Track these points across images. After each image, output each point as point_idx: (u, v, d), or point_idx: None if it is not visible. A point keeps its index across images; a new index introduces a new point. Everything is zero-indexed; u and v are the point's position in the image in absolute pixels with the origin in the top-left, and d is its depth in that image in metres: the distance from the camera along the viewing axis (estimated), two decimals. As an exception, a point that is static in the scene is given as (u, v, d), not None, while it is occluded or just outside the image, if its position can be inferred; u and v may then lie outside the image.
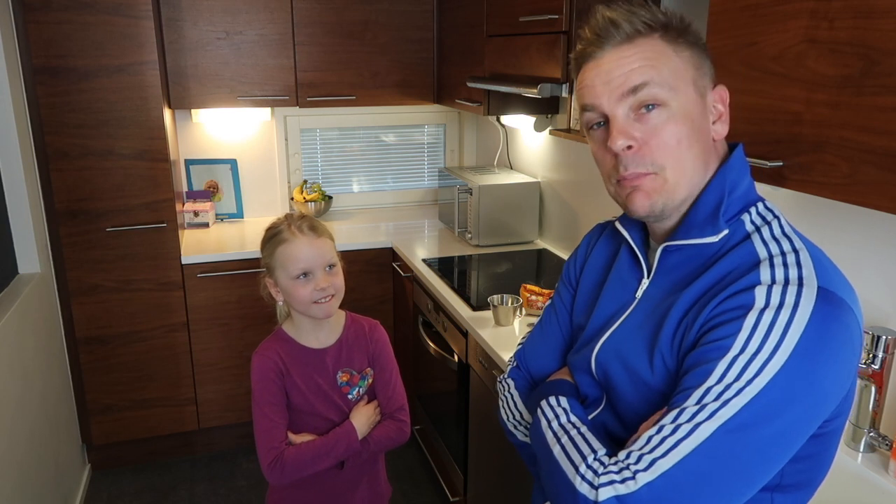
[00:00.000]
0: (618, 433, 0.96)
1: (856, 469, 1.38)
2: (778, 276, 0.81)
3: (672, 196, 0.90)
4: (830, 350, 0.77)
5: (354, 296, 3.14)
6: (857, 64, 1.03)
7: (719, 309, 0.82)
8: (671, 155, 0.88)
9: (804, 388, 0.77)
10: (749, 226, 0.89)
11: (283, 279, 1.52)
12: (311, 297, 1.51)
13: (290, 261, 1.50)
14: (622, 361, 0.95)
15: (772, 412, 0.76)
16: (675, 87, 0.87)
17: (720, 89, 0.91)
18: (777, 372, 0.76)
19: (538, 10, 2.13)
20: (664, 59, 0.87)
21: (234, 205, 3.45)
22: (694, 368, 0.81)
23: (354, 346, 1.65)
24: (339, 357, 1.62)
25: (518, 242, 2.99)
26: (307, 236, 1.52)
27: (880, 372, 1.38)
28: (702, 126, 0.89)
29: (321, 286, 1.51)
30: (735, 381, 0.77)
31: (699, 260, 0.90)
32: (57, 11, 2.51)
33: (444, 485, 2.67)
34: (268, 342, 1.60)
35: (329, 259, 1.54)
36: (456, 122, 3.76)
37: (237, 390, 3.08)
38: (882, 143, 1.01)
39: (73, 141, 2.63)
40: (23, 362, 2.25)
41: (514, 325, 2.14)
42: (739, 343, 0.78)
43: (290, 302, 1.56)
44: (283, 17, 3.01)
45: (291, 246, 1.50)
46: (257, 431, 1.53)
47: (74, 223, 2.70)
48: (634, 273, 0.99)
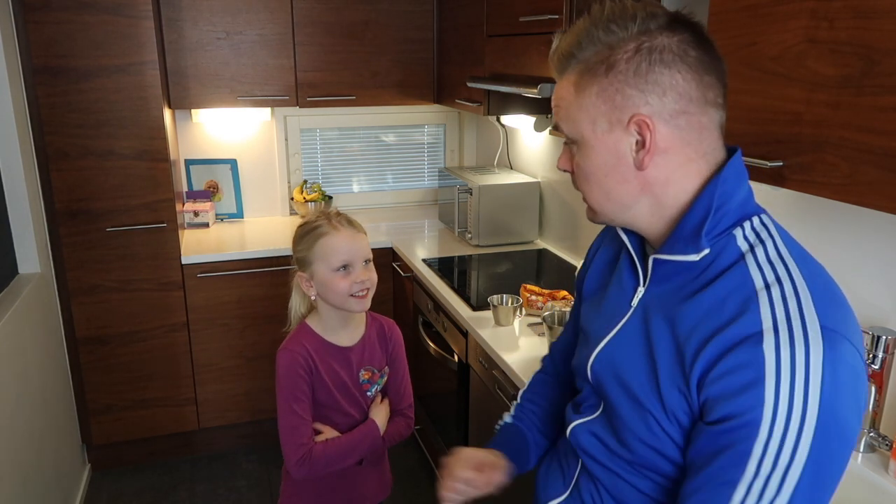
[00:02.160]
0: (611, 444, 0.96)
1: (856, 469, 1.38)
2: (779, 315, 0.79)
3: (605, 216, 0.95)
4: (846, 396, 0.77)
5: (354, 296, 3.14)
6: (857, 64, 1.03)
7: (727, 364, 0.79)
8: (585, 186, 0.94)
9: (838, 447, 0.78)
10: (742, 243, 0.87)
11: (323, 272, 1.54)
12: (350, 290, 1.54)
13: (331, 253, 1.53)
14: (617, 377, 0.94)
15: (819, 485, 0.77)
16: (580, 128, 0.90)
17: (637, 119, 0.85)
18: (811, 447, 0.75)
19: (538, 10, 2.13)
20: (568, 101, 0.91)
21: (234, 205, 3.45)
22: (721, 454, 0.79)
23: (376, 345, 1.69)
24: (363, 355, 1.65)
25: (518, 242, 2.99)
26: (348, 230, 1.56)
27: (880, 372, 1.38)
28: (618, 158, 0.89)
29: (360, 279, 1.54)
30: (772, 473, 0.76)
31: (690, 273, 0.89)
32: (57, 11, 2.51)
33: (444, 485, 2.67)
34: (295, 338, 1.61)
35: (367, 253, 1.58)
36: (456, 122, 3.76)
37: (237, 390, 3.08)
38: (882, 143, 1.01)
39: (73, 141, 2.63)
40: (23, 362, 2.25)
41: (514, 325, 2.14)
42: (765, 427, 0.76)
43: (325, 295, 1.57)
44: (283, 17, 3.01)
45: (333, 238, 1.54)
46: (284, 427, 1.56)
47: (74, 223, 2.70)
48: (632, 280, 0.98)
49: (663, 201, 0.90)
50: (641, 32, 0.85)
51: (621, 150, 0.88)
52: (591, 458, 1.01)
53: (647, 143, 0.86)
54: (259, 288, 2.98)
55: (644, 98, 0.85)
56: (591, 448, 1.00)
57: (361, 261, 1.56)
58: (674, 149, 0.87)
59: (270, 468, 3.07)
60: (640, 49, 0.85)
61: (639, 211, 0.92)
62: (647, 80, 0.85)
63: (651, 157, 0.87)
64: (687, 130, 0.86)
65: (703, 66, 0.86)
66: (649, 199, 0.90)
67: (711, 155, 0.89)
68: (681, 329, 0.86)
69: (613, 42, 0.86)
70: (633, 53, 0.85)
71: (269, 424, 3.22)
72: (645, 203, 0.91)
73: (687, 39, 0.85)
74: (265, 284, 2.99)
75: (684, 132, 0.86)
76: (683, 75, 0.85)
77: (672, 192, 0.89)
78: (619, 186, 0.90)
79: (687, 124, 0.86)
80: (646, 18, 0.86)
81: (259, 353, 3.06)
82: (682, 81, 0.85)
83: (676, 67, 0.84)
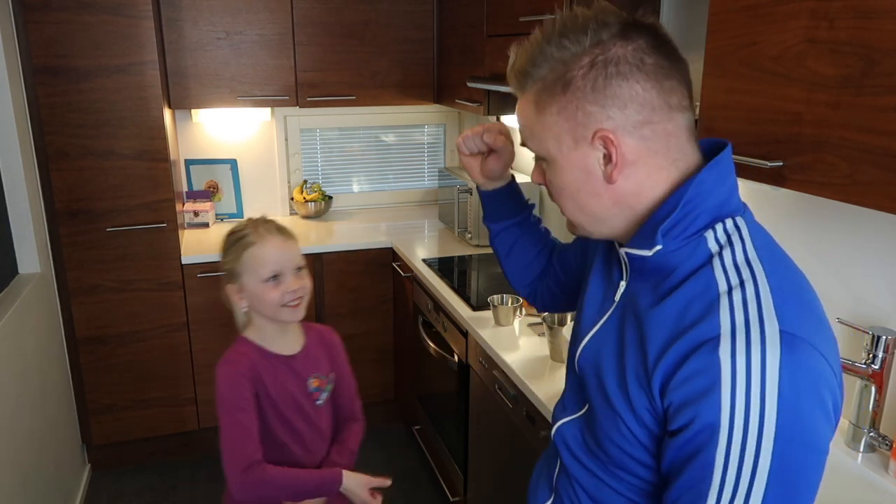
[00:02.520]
0: (590, 444, 0.97)
1: (856, 469, 1.38)
2: (738, 319, 0.78)
3: (582, 229, 0.95)
4: (808, 402, 0.76)
5: (354, 296, 3.14)
6: (857, 64, 1.03)
7: (686, 371, 0.79)
8: (559, 200, 0.94)
9: (805, 454, 0.76)
10: (712, 244, 0.85)
11: (252, 283, 1.49)
12: (282, 300, 1.49)
13: (259, 263, 1.48)
14: (597, 373, 0.95)
15: (790, 494, 0.76)
16: (546, 146, 0.90)
17: (601, 133, 0.84)
18: (773, 454, 0.74)
19: (538, 10, 2.13)
20: (531, 120, 0.91)
21: (234, 205, 3.45)
22: (689, 463, 0.79)
23: (319, 351, 1.64)
24: (308, 363, 1.60)
25: (518, 242, 2.99)
26: (276, 237, 1.50)
27: (880, 372, 1.38)
28: (587, 173, 0.88)
29: (292, 288, 1.49)
30: (738, 481, 0.75)
31: (660, 274, 0.88)
32: (57, 11, 2.51)
33: (444, 485, 2.67)
34: (234, 351, 1.54)
35: (298, 261, 1.53)
36: (456, 122, 3.76)
37: (237, 390, 3.08)
38: (882, 143, 1.01)
39: (73, 141, 2.63)
40: (23, 362, 2.25)
41: (514, 325, 2.14)
42: (724, 434, 0.76)
43: (257, 307, 1.52)
44: (283, 17, 3.01)
45: (261, 248, 1.48)
46: (227, 439, 1.47)
47: (74, 223, 2.70)
48: (617, 272, 0.99)
49: (637, 210, 0.89)
50: (594, 45, 0.83)
51: (590, 165, 0.87)
52: (571, 455, 1.01)
53: (612, 157, 0.85)
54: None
55: (605, 113, 0.84)
56: (574, 445, 1.00)
57: (292, 269, 1.51)
58: (642, 159, 0.86)
59: (270, 468, 3.07)
60: (595, 63, 0.83)
61: (615, 223, 0.92)
62: (605, 94, 0.83)
63: (620, 171, 0.86)
64: (653, 140, 0.85)
65: (662, 71, 0.84)
66: (623, 210, 0.89)
67: (682, 160, 0.87)
68: (646, 331, 0.86)
69: (566, 58, 0.85)
70: (588, 69, 0.83)
71: (269, 424, 3.22)
72: (619, 215, 0.90)
73: (642, 47, 0.83)
74: (265, 284, 2.98)
75: (650, 142, 0.85)
76: (643, 85, 0.83)
77: (644, 201, 0.88)
78: (592, 200, 0.90)
79: (652, 133, 0.85)
80: (597, 29, 0.84)
81: (259, 353, 3.06)
82: (641, 91, 0.83)
83: (634, 77, 0.83)
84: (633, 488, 0.92)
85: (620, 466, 0.92)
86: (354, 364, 3.52)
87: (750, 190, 1.68)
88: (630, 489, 0.93)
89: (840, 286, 1.53)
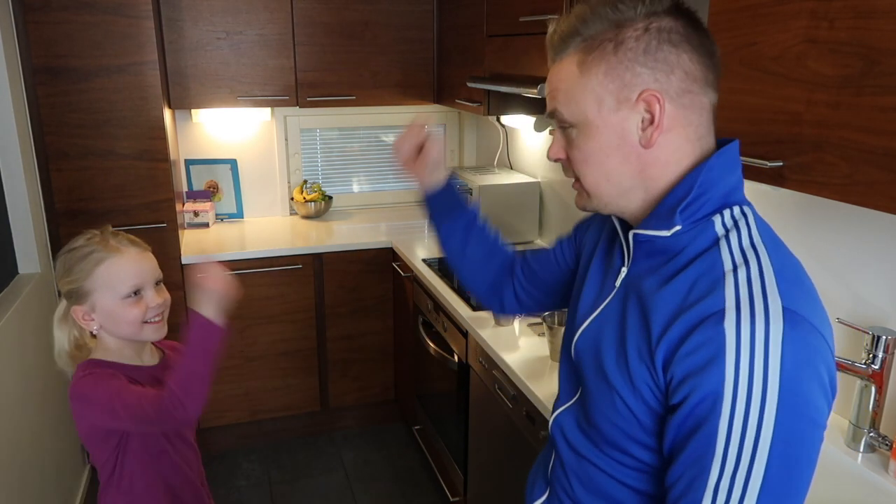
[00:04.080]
0: (583, 425, 0.98)
1: (856, 469, 1.38)
2: (742, 294, 0.80)
3: (599, 201, 0.96)
4: (808, 376, 0.78)
5: (354, 296, 3.14)
6: (857, 64, 1.03)
7: (691, 343, 0.80)
8: (584, 168, 0.94)
9: (805, 427, 0.78)
10: (719, 228, 0.88)
11: (108, 301, 1.35)
12: (144, 317, 1.37)
13: (117, 278, 1.34)
14: (595, 356, 0.96)
15: (792, 466, 0.77)
16: (583, 108, 0.91)
17: (647, 94, 0.87)
18: (775, 423, 0.76)
19: (538, 10, 2.13)
20: (571, 82, 0.91)
21: (234, 205, 3.45)
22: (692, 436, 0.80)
23: (174, 360, 1.48)
24: (167, 371, 1.44)
25: (518, 242, 2.99)
26: (132, 250, 1.38)
27: (880, 372, 1.38)
28: (622, 138, 0.90)
29: (155, 303, 1.38)
30: (741, 451, 0.76)
31: (666, 255, 0.90)
32: (57, 11, 2.51)
33: (444, 485, 2.67)
34: (89, 370, 1.36)
35: (157, 273, 1.42)
36: (456, 122, 3.76)
37: (237, 390, 3.08)
38: (882, 143, 1.01)
39: (73, 141, 2.63)
40: (23, 362, 2.25)
41: (514, 325, 2.14)
42: (727, 403, 0.77)
43: (112, 328, 1.37)
44: (283, 17, 3.01)
45: (117, 262, 1.35)
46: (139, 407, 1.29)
47: (74, 223, 2.70)
48: (618, 258, 1.00)
49: (657, 183, 0.91)
50: (649, 14, 0.87)
51: (627, 128, 0.89)
52: (566, 442, 1.03)
53: (655, 118, 0.87)
54: (259, 288, 2.98)
55: (653, 75, 0.87)
56: (569, 430, 1.02)
57: (153, 282, 1.39)
58: (676, 128, 0.89)
59: (270, 468, 3.07)
60: (650, 29, 0.87)
61: (632, 197, 0.93)
62: (656, 57, 0.87)
63: (659, 133, 0.88)
64: (690, 109, 0.89)
65: (704, 49, 0.89)
66: (646, 180, 0.92)
67: (704, 139, 0.91)
68: (651, 309, 0.88)
69: (621, 20, 0.88)
70: (642, 32, 0.87)
71: (269, 424, 3.22)
72: (638, 189, 0.92)
73: (689, 24, 0.88)
74: (265, 284, 2.99)
75: (687, 111, 0.89)
76: (690, 55, 0.87)
77: (665, 173, 0.91)
78: (620, 167, 0.91)
79: (690, 103, 0.88)
80: (654, 1, 0.88)
81: (259, 353, 3.06)
82: (687, 61, 0.87)
83: (682, 48, 0.87)
84: (625, 470, 0.94)
85: (613, 445, 0.93)
86: (354, 364, 3.50)
87: (750, 190, 1.67)
88: (622, 471, 0.94)
89: (840, 286, 1.53)
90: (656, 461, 0.90)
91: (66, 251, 1.38)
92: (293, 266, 3.01)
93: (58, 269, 1.39)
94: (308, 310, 3.09)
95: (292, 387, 3.16)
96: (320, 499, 2.86)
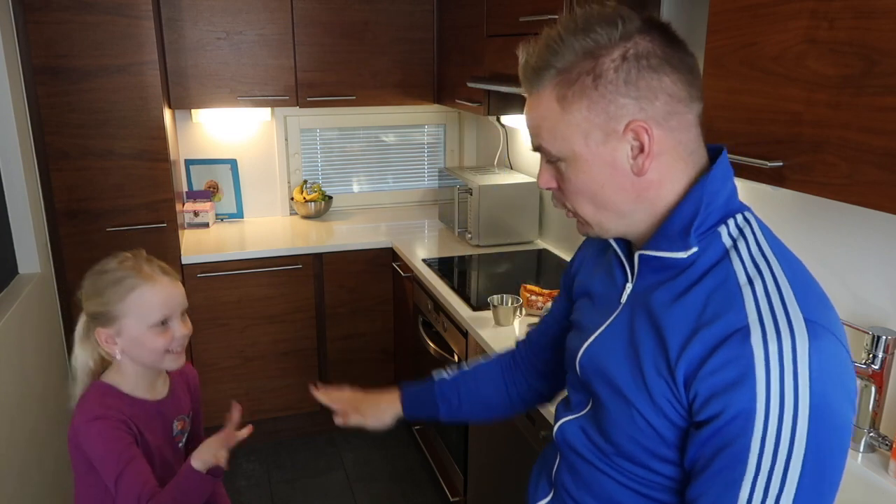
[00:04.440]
0: (595, 439, 0.97)
1: (856, 469, 1.38)
2: (763, 309, 0.80)
3: (601, 228, 0.94)
4: (835, 386, 0.78)
5: (355, 296, 3.14)
6: (857, 64, 1.03)
7: (717, 361, 0.80)
8: (579, 199, 0.92)
9: (835, 437, 0.78)
10: (726, 239, 0.87)
11: (135, 328, 1.35)
12: (167, 346, 1.37)
13: (149, 307, 1.34)
14: (602, 373, 0.95)
15: (822, 478, 0.77)
16: (570, 144, 0.88)
17: (634, 125, 0.85)
18: (807, 438, 0.76)
19: (538, 10, 2.13)
20: (554, 119, 0.88)
21: (234, 205, 3.45)
22: (720, 453, 0.79)
23: (182, 390, 1.54)
24: (174, 405, 1.49)
25: (518, 242, 2.99)
26: (164, 279, 1.38)
27: (880, 372, 1.38)
28: (614, 167, 0.88)
29: (181, 334, 1.39)
30: (774, 467, 0.76)
31: (676, 268, 0.89)
32: (57, 11, 2.51)
33: (444, 485, 2.67)
34: (96, 402, 1.38)
35: (185, 303, 1.43)
36: (456, 122, 3.76)
37: (237, 390, 3.08)
38: (882, 143, 1.01)
39: (73, 141, 2.63)
40: (23, 362, 2.25)
41: (514, 326, 2.14)
42: (760, 421, 0.77)
43: (135, 353, 1.38)
44: (283, 17, 3.01)
45: (150, 291, 1.35)
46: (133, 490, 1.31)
47: (74, 223, 2.70)
48: (621, 277, 0.99)
49: (657, 203, 0.90)
50: (624, 38, 0.85)
51: (618, 159, 0.87)
52: (574, 452, 1.01)
53: (645, 147, 0.86)
54: (259, 288, 2.98)
55: (638, 104, 0.85)
56: (577, 443, 1.01)
57: (180, 313, 1.40)
58: (667, 151, 0.87)
59: (270, 468, 3.07)
60: (627, 57, 0.84)
61: (636, 218, 0.92)
62: (638, 86, 0.84)
63: (651, 160, 0.87)
64: (678, 130, 0.87)
65: (684, 66, 0.87)
66: (644, 203, 0.90)
67: (697, 153, 0.90)
68: (664, 325, 0.87)
69: (594, 49, 0.85)
70: (620, 61, 0.84)
71: (270, 424, 3.22)
72: (639, 209, 0.91)
73: (664, 41, 0.86)
74: (265, 284, 2.99)
75: (676, 132, 0.87)
76: (671, 77, 0.85)
77: (664, 193, 0.89)
78: (616, 196, 0.90)
79: (678, 124, 0.87)
80: (625, 23, 0.85)
81: (259, 353, 3.06)
82: (670, 84, 0.85)
83: (663, 71, 0.85)
84: (639, 480, 0.92)
85: (630, 459, 0.92)
86: (354, 364, 3.51)
87: (750, 190, 1.68)
88: (635, 482, 0.93)
89: (840, 286, 1.53)
90: (677, 474, 0.89)
91: (98, 272, 1.37)
92: (293, 266, 3.01)
93: (86, 288, 1.38)
94: (308, 310, 3.09)
95: (292, 387, 3.16)
96: (320, 499, 2.86)
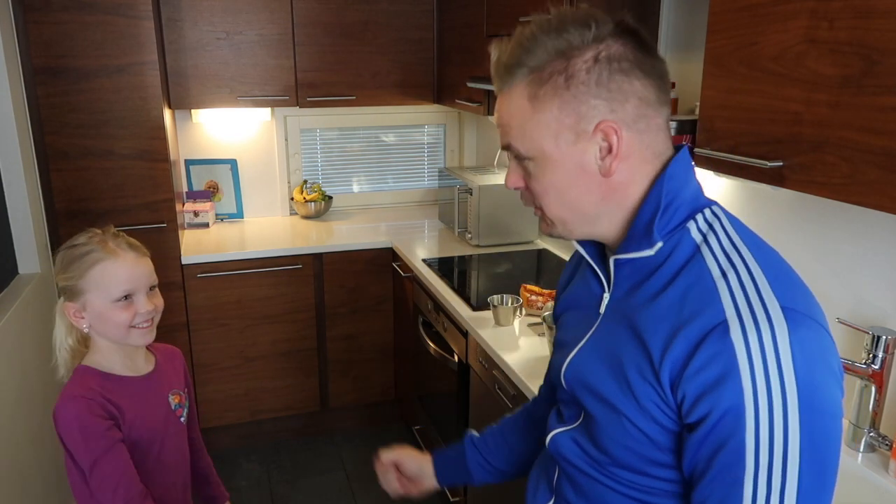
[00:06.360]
0: (589, 451, 0.96)
1: (856, 469, 1.38)
2: (739, 301, 0.79)
3: (564, 228, 0.94)
4: (821, 371, 0.78)
5: (355, 296, 3.14)
6: (857, 64, 1.03)
7: (699, 360, 0.79)
8: (546, 199, 0.92)
9: (829, 422, 0.78)
10: (696, 235, 0.87)
11: (98, 302, 1.35)
12: (132, 322, 1.37)
13: (111, 281, 1.35)
14: (587, 385, 0.94)
15: (822, 464, 0.78)
16: (540, 143, 0.88)
17: (604, 125, 0.85)
18: (801, 425, 0.76)
19: (538, 10, 2.13)
20: (525, 117, 0.88)
21: (234, 205, 3.45)
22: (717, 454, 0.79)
23: (170, 368, 1.54)
24: (164, 379, 1.49)
25: (518, 242, 2.99)
26: (129, 254, 1.38)
27: (880, 372, 1.38)
28: (582, 168, 0.88)
29: (144, 309, 1.38)
30: (773, 461, 0.76)
31: (648, 269, 0.89)
32: (57, 11, 2.51)
33: (444, 485, 2.67)
34: (77, 383, 1.36)
35: (152, 279, 1.42)
36: (456, 122, 3.76)
37: (237, 390, 3.08)
38: (882, 143, 1.01)
39: (73, 141, 2.63)
40: (23, 362, 2.25)
41: (514, 326, 2.14)
42: (751, 416, 0.77)
43: (102, 329, 1.38)
44: (283, 17, 3.01)
45: (112, 265, 1.35)
46: (110, 486, 1.31)
47: (74, 223, 2.70)
48: (597, 287, 0.99)
49: (624, 205, 0.90)
50: (597, 40, 0.85)
51: (586, 160, 0.88)
52: (569, 463, 1.01)
53: (613, 148, 0.86)
54: (259, 288, 2.98)
55: (609, 106, 0.85)
56: (571, 454, 1.00)
57: (146, 288, 1.39)
58: (634, 153, 0.88)
59: (270, 468, 3.07)
60: (599, 59, 0.85)
61: (603, 221, 0.92)
62: (609, 88, 0.85)
63: (618, 162, 0.87)
64: (646, 133, 0.88)
65: (655, 72, 0.87)
66: (611, 205, 0.90)
67: (664, 154, 0.90)
68: (643, 328, 0.86)
69: (566, 49, 0.85)
70: (592, 63, 0.85)
71: (270, 425, 3.22)
72: (606, 210, 0.91)
73: (635, 45, 0.86)
74: (265, 284, 2.99)
75: (644, 135, 0.87)
76: (642, 82, 0.86)
77: (631, 195, 0.90)
78: (583, 197, 0.90)
79: (647, 127, 0.87)
80: (599, 25, 0.85)
81: (259, 353, 3.07)
82: (640, 88, 0.86)
83: (634, 75, 0.85)
84: (640, 488, 0.92)
85: (625, 467, 0.92)
86: (354, 364, 3.51)
87: (750, 190, 1.68)
88: (636, 491, 0.92)
89: (840, 286, 1.53)
90: (676, 477, 0.88)
91: (67, 247, 1.39)
92: (293, 266, 3.01)
93: (57, 263, 1.39)
94: (308, 310, 3.09)
95: (292, 387, 3.16)
96: (320, 499, 2.87)
